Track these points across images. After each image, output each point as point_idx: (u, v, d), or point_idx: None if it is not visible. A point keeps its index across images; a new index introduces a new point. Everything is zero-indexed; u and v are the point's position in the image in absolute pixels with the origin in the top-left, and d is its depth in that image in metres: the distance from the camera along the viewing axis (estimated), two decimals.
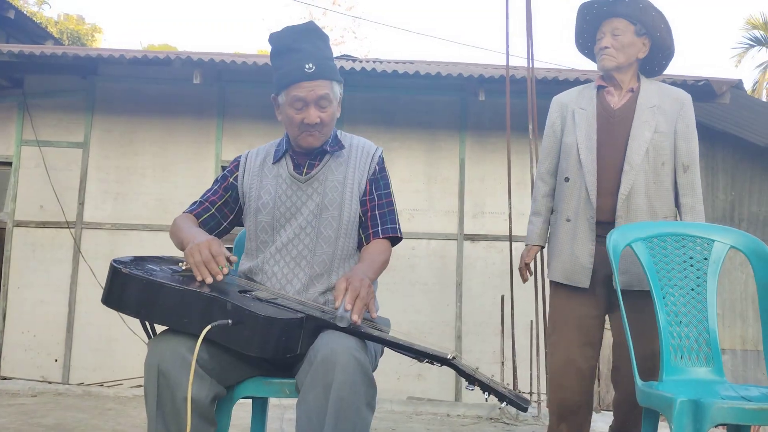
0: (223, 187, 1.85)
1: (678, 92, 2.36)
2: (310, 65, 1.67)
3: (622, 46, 2.30)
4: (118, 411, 3.72)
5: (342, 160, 1.79)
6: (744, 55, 18.34)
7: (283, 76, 1.71)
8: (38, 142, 5.57)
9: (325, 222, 1.72)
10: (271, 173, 1.79)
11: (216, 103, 5.64)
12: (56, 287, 5.45)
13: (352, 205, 1.75)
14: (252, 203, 1.78)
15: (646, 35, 2.31)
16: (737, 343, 5.58)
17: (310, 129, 1.72)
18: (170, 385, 1.39)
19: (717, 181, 5.74)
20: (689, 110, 2.32)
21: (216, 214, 1.83)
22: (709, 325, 1.98)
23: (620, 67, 2.32)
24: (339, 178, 1.75)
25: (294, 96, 1.69)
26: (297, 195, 1.75)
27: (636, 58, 2.32)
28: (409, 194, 5.52)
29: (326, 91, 1.70)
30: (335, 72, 1.75)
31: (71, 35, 15.26)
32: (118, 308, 1.45)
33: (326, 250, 1.72)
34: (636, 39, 2.30)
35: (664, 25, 2.30)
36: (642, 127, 2.29)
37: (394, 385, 5.29)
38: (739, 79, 5.08)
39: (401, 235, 1.80)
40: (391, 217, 1.78)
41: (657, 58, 2.39)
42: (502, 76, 4.65)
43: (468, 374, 1.36)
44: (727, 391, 1.78)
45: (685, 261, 2.03)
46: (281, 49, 1.73)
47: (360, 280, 1.48)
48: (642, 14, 2.27)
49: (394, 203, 1.82)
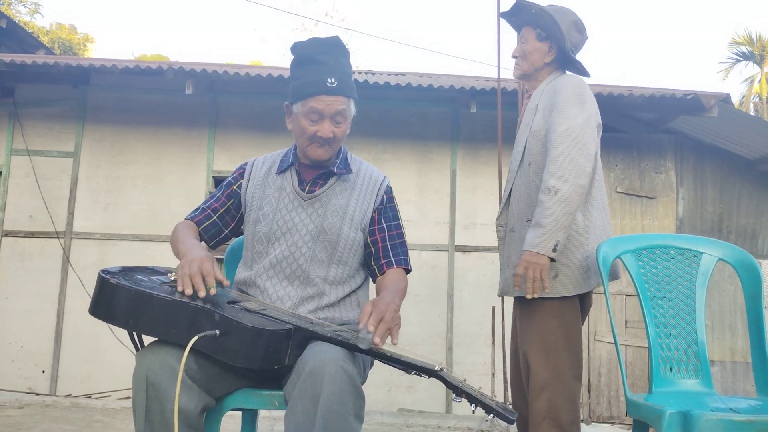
0: (226, 195, 1.84)
1: (557, 83, 2.19)
2: (333, 80, 1.68)
3: (524, 54, 2.27)
4: (105, 423, 3.68)
5: (347, 185, 1.78)
6: (730, 70, 18.60)
7: (302, 86, 1.70)
8: (28, 152, 5.55)
9: (321, 246, 1.72)
10: (274, 184, 1.79)
11: (208, 113, 5.63)
12: (45, 297, 5.40)
13: (350, 233, 1.74)
14: (253, 213, 1.78)
15: (547, 39, 2.24)
16: (726, 355, 5.60)
17: (321, 142, 1.72)
18: (159, 396, 1.38)
19: (705, 194, 5.79)
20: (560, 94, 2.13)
21: (217, 222, 1.83)
22: (698, 337, 1.99)
23: (526, 75, 2.30)
24: (342, 203, 1.75)
25: (311, 107, 1.69)
26: (297, 212, 1.75)
27: (543, 63, 2.25)
28: (401, 205, 5.44)
29: (344, 107, 1.71)
30: (354, 90, 1.75)
31: (63, 45, 15.24)
32: (105, 319, 1.44)
33: (319, 274, 1.72)
34: (539, 44, 2.25)
35: (565, 24, 2.22)
36: (522, 130, 2.26)
37: (384, 396, 5.27)
38: (727, 93, 5.14)
39: (410, 267, 1.80)
40: (402, 249, 1.79)
41: (570, 57, 2.27)
42: (494, 88, 4.69)
43: (455, 386, 1.36)
44: (716, 402, 1.79)
45: (674, 273, 2.05)
46: (305, 59, 1.72)
47: (386, 305, 1.47)
48: (538, 19, 2.24)
49: (404, 235, 1.82)
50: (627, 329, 5.51)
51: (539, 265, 1.97)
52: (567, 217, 1.98)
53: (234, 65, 5.84)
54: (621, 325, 5.50)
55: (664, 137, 5.78)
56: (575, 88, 2.12)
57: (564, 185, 1.99)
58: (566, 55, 2.23)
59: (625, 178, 5.71)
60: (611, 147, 5.73)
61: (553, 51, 2.24)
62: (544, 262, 1.97)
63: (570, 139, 2.03)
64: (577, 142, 2.03)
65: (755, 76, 18.26)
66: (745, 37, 17.96)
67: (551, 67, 2.27)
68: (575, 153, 2.02)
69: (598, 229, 2.13)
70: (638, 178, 5.72)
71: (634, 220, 5.66)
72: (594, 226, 2.12)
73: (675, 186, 5.73)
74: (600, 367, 5.51)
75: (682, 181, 5.76)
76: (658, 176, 5.73)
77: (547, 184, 2.01)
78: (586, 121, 2.08)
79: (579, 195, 2.00)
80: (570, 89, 2.12)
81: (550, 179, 2.01)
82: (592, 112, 2.12)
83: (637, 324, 5.46)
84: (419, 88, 5.14)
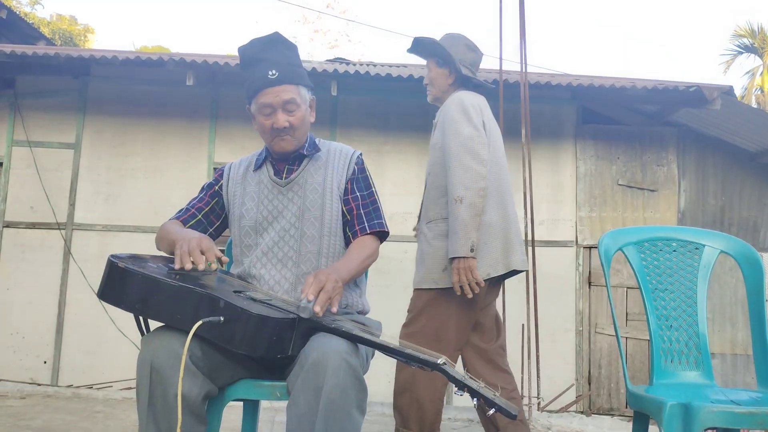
0: (209, 194, 1.88)
1: (446, 103, 2.46)
2: (273, 72, 1.73)
3: (431, 81, 2.59)
4: (107, 414, 3.70)
5: (320, 164, 1.83)
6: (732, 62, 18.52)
7: (250, 86, 1.77)
8: (29, 143, 5.54)
9: (308, 223, 1.76)
10: (253, 180, 1.83)
11: (209, 104, 5.62)
12: (46, 289, 5.41)
13: (333, 205, 1.78)
14: (236, 210, 1.82)
15: (445, 65, 2.54)
16: (727, 347, 5.61)
17: (281, 133, 1.76)
18: (162, 381, 1.40)
19: (707, 186, 5.78)
20: (447, 113, 2.41)
21: (203, 220, 1.85)
22: (699, 329, 1.99)
23: (437, 98, 2.59)
24: (318, 180, 1.79)
25: (262, 103, 1.75)
26: (278, 199, 1.79)
27: (447, 85, 2.55)
28: (402, 197, 5.52)
29: (292, 96, 1.75)
30: (302, 77, 1.79)
31: (63, 36, 15.20)
32: (113, 302, 1.46)
33: (311, 249, 1.75)
34: (440, 70, 2.55)
35: (459, 49, 2.53)
36: (432, 147, 2.51)
37: (385, 387, 5.26)
38: (730, 85, 5.12)
39: (387, 229, 1.82)
40: (376, 213, 1.81)
41: (466, 77, 2.55)
42: (496, 80, 4.67)
43: (458, 380, 1.36)
44: (717, 394, 1.79)
45: (675, 265, 2.05)
46: (248, 61, 1.78)
47: (327, 275, 1.50)
48: (434, 50, 2.55)
49: (378, 201, 1.85)
50: (628, 321, 5.52)
51: (466, 267, 2.24)
52: (475, 219, 2.27)
53: (235, 57, 5.82)
54: (622, 317, 5.51)
55: (666, 130, 5.76)
56: (458, 106, 2.39)
57: (467, 192, 2.26)
58: (462, 76, 2.54)
59: (627, 170, 5.70)
60: (613, 139, 5.72)
61: (452, 74, 2.54)
62: (468, 264, 2.24)
63: (463, 150, 2.30)
64: (469, 151, 2.30)
65: (757, 69, 18.17)
66: (746, 30, 17.88)
67: (454, 87, 2.56)
68: (470, 162, 2.29)
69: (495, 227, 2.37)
70: (640, 170, 5.71)
71: (635, 213, 5.66)
72: (492, 225, 2.36)
73: (677, 178, 5.72)
74: (600, 360, 5.52)
75: (684, 173, 5.75)
76: (660, 169, 5.72)
77: (453, 195, 2.28)
78: (473, 131, 2.33)
79: (481, 197, 2.28)
80: (453, 107, 2.39)
81: (454, 190, 2.28)
82: (477, 121, 2.37)
83: (637, 316, 5.46)
84: (421, 79, 5.10)
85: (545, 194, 5.61)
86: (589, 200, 5.66)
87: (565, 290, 5.55)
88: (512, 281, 2.84)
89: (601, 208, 5.66)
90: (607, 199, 5.67)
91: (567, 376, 5.46)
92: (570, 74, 6.26)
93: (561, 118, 5.76)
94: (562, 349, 5.49)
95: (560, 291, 5.53)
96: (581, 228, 5.62)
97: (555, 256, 5.54)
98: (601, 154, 5.72)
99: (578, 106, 5.76)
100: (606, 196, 5.67)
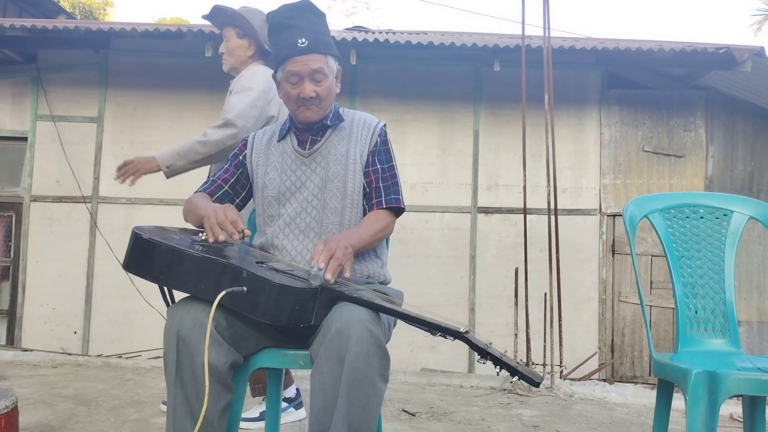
0: (234, 165, 1.88)
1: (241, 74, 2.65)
2: (303, 40, 1.71)
3: (229, 50, 2.71)
4: (136, 381, 3.79)
5: (344, 134, 1.81)
6: (763, 23, 17.90)
7: (278, 53, 1.76)
8: (53, 117, 5.60)
9: (330, 194, 1.75)
10: (276, 150, 1.83)
11: (228, 75, 5.60)
12: (74, 261, 5.52)
13: (356, 177, 1.77)
14: (259, 179, 1.82)
15: (246, 36, 2.67)
16: (754, 315, 5.54)
17: (307, 103, 1.75)
18: (189, 351, 1.42)
19: (736, 152, 5.65)
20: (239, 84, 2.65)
21: (229, 191, 1.86)
22: (726, 297, 1.96)
23: (234, 68, 2.74)
24: (342, 152, 1.78)
25: (289, 71, 1.73)
26: (301, 170, 1.78)
27: (247, 56, 2.70)
28: (423, 167, 5.49)
29: (320, 65, 1.73)
30: (330, 47, 1.77)
31: (83, 9, 15.22)
32: (138, 273, 1.48)
33: (333, 221, 1.75)
34: (240, 41, 2.69)
35: (257, 23, 2.63)
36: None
37: (407, 356, 5.34)
38: (761, 46, 4.95)
39: (404, 206, 1.81)
40: (394, 189, 1.80)
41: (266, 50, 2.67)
42: (518, 46, 4.58)
43: (481, 348, 1.36)
44: (743, 362, 1.77)
45: (702, 232, 2.01)
46: (277, 27, 1.77)
47: (336, 242, 1.51)
48: (234, 20, 2.65)
49: (397, 175, 1.84)
50: (652, 290, 5.47)
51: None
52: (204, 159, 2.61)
53: None
54: (646, 285, 5.46)
55: (695, 93, 5.62)
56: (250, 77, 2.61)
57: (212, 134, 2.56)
58: (263, 49, 2.67)
59: (653, 136, 5.59)
60: (639, 104, 5.60)
61: (252, 46, 2.69)
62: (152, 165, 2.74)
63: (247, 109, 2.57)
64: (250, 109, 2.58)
65: None
66: None
67: (253, 59, 2.71)
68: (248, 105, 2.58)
69: None
70: (666, 136, 5.59)
71: (661, 180, 5.56)
72: None
73: (705, 144, 5.59)
74: (624, 328, 5.50)
75: (712, 138, 5.62)
76: (687, 134, 5.60)
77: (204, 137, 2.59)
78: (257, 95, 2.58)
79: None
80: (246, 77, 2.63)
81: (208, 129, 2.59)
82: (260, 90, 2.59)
83: (662, 285, 5.41)
84: (441, 46, 5.04)
85: (568, 161, 5.53)
86: (613, 167, 5.58)
87: (588, 259, 5.51)
88: (534, 250, 2.80)
89: (625, 175, 5.57)
90: (632, 166, 5.57)
91: (590, 344, 5.45)
92: (594, 38, 6.12)
93: (585, 84, 5.65)
94: (585, 318, 5.48)
95: (583, 259, 5.49)
96: (605, 196, 5.55)
97: (578, 224, 5.49)
98: (626, 120, 5.60)
99: (603, 70, 5.64)
100: (631, 163, 5.58)
